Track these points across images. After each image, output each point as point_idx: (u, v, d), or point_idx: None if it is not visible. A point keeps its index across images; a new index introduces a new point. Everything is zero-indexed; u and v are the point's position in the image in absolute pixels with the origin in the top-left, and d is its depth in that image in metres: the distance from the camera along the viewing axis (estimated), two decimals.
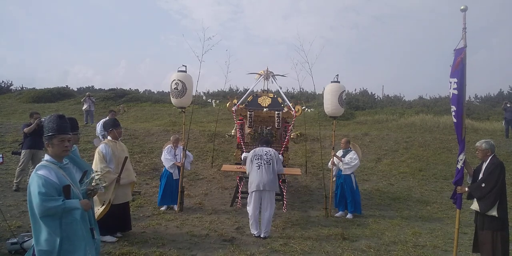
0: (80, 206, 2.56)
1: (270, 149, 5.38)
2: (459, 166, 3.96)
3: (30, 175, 6.91)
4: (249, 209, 5.15)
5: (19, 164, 7.03)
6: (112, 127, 4.85)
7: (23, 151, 6.97)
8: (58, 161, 2.61)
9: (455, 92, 3.85)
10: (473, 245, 4.20)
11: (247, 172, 5.37)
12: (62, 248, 2.43)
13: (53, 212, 2.42)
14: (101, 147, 4.65)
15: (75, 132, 4.01)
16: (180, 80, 6.00)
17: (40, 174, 2.45)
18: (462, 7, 3.84)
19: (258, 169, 5.12)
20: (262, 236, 5.04)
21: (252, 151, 5.41)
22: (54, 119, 2.61)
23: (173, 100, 6.19)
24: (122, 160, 4.67)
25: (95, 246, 2.73)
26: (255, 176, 5.12)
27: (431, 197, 8.05)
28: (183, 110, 6.35)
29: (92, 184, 2.88)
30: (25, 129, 6.91)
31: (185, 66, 6.19)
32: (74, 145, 3.79)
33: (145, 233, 5.00)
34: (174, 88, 6.01)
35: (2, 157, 6.01)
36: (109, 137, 4.86)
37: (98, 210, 4.39)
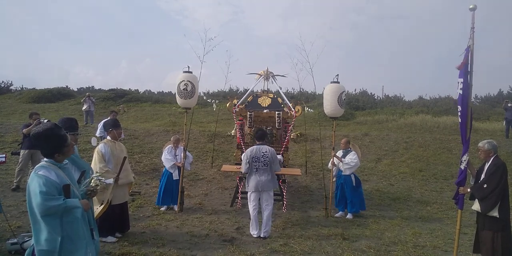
0: (80, 205, 2.57)
1: (268, 149, 5.17)
2: (462, 167, 3.96)
3: (30, 175, 6.92)
4: (250, 207, 5.21)
5: (18, 164, 7.03)
6: (112, 127, 4.84)
7: (22, 151, 6.97)
8: (58, 162, 2.61)
9: (461, 92, 3.87)
10: (474, 245, 4.20)
11: (243, 171, 5.34)
12: (63, 247, 2.43)
13: (54, 211, 2.42)
14: (100, 147, 4.64)
15: (75, 132, 4.02)
16: (189, 81, 6.02)
17: (40, 174, 2.45)
18: (471, 6, 3.76)
19: (256, 172, 5.11)
20: (262, 236, 5.03)
21: (249, 150, 5.21)
22: (53, 132, 2.53)
23: (180, 101, 6.16)
24: (120, 160, 4.65)
25: (95, 247, 2.74)
26: (253, 178, 5.13)
27: (431, 198, 8.05)
28: (187, 110, 6.36)
29: (92, 184, 2.88)
30: (24, 130, 6.89)
31: (188, 66, 6.22)
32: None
33: (145, 233, 5.00)
34: (183, 89, 6.01)
35: (5, 157, 6.02)
36: (108, 137, 4.85)
37: (97, 209, 4.38)
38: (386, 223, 5.98)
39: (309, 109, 9.08)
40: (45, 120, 6.83)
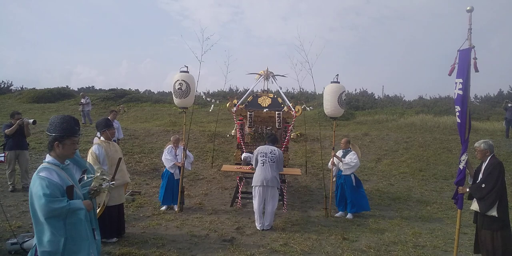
0: (84, 206, 2.57)
1: (276, 149, 5.60)
2: (461, 167, 3.97)
3: (21, 175, 6.73)
4: (254, 202, 5.44)
5: (7, 167, 6.83)
6: (104, 127, 4.74)
7: (7, 152, 6.69)
8: (60, 162, 2.60)
9: (460, 92, 3.87)
10: (474, 246, 4.20)
11: (253, 165, 5.70)
12: (66, 248, 2.43)
13: (58, 213, 2.41)
14: (94, 148, 4.55)
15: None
16: (184, 81, 6.01)
17: (42, 176, 2.44)
18: (468, 8, 3.82)
19: (263, 166, 5.41)
20: (264, 228, 5.29)
21: (258, 147, 5.67)
22: (68, 120, 2.66)
23: (176, 100, 6.17)
24: (115, 161, 4.59)
25: (96, 246, 2.73)
26: (259, 173, 5.41)
27: (431, 197, 8.05)
28: (185, 110, 6.36)
29: (95, 184, 2.88)
30: (7, 131, 6.67)
31: (187, 66, 6.21)
32: None
33: (145, 233, 5.01)
34: (178, 89, 6.01)
35: (4, 156, 6.01)
36: (102, 138, 4.77)
37: None
38: (386, 223, 5.99)
39: (309, 107, 9.08)
40: (30, 120, 6.82)
